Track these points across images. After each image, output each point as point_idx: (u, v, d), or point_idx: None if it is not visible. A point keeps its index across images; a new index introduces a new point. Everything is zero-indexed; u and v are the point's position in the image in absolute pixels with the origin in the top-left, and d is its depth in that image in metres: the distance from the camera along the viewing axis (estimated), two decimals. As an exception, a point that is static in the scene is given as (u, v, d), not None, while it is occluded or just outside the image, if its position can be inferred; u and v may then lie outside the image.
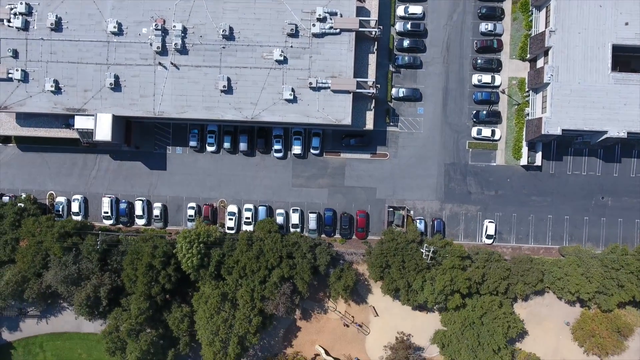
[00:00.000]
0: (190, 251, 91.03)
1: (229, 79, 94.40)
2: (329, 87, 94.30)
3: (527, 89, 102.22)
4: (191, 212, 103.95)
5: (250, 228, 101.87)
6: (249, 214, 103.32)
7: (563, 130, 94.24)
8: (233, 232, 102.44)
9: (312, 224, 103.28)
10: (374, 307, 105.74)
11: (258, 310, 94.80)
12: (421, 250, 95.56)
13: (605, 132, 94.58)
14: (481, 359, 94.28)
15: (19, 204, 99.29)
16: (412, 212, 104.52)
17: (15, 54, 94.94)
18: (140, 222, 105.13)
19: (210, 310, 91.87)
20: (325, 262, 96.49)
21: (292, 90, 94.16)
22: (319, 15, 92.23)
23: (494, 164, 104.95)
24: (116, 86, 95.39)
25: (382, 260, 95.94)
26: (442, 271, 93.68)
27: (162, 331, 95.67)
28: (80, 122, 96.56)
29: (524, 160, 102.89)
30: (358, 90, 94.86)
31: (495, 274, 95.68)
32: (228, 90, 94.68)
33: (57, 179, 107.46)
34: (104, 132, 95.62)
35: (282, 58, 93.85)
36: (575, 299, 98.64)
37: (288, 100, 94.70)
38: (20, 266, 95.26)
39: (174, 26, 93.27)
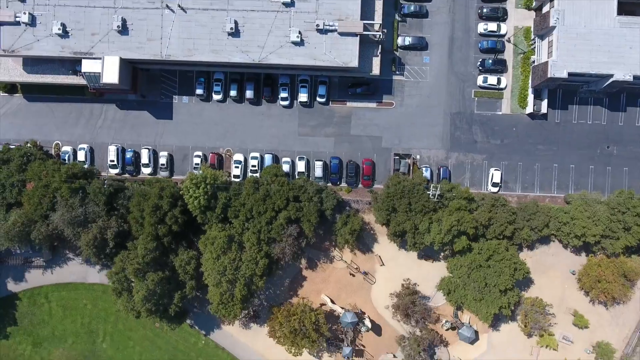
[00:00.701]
0: (197, 192, 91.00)
1: (236, 22, 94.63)
2: (336, 30, 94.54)
3: (532, 37, 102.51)
4: (197, 160, 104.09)
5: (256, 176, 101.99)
6: (255, 162, 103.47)
7: (569, 73, 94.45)
8: (239, 180, 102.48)
9: (318, 171, 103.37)
10: (379, 257, 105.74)
11: (265, 253, 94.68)
12: (427, 192, 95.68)
13: (611, 75, 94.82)
14: (488, 301, 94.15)
15: (25, 150, 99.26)
16: (417, 161, 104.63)
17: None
18: (146, 171, 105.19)
19: (217, 251, 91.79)
20: (332, 205, 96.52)
21: (299, 33, 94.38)
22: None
23: (500, 113, 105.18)
24: (123, 29, 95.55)
25: (389, 203, 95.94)
26: (448, 212, 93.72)
27: (169, 274, 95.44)
28: (88, 66, 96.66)
29: (529, 109, 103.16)
30: (365, 33, 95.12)
31: (502, 218, 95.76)
32: (235, 33, 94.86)
33: (63, 129, 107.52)
34: (111, 75, 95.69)
35: (289, 1, 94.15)
36: (581, 243, 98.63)
37: (295, 43, 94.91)
38: (27, 208, 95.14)
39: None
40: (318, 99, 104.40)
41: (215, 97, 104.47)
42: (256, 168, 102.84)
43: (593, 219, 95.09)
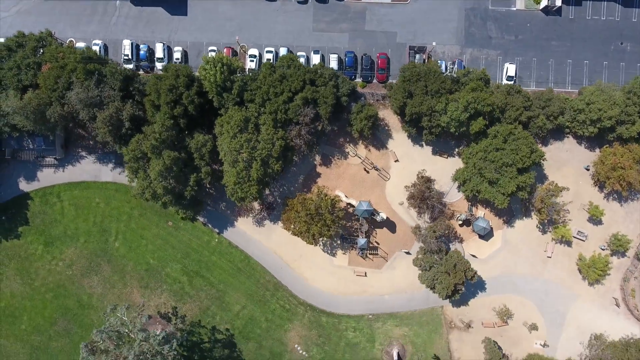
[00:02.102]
0: (213, 69, 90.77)
1: None
2: None
3: None
4: (212, 54, 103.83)
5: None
6: (270, 56, 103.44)
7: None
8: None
9: (333, 64, 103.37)
10: (394, 152, 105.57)
11: (281, 135, 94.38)
12: (442, 70, 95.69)
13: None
14: (505, 181, 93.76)
15: (40, 35, 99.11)
16: (432, 54, 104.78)
17: None
18: (160, 66, 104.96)
19: (233, 130, 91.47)
20: (347, 90, 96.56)
21: None
22: None
23: (514, 9, 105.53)
24: None
25: (404, 88, 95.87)
26: (465, 92, 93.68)
27: (185, 156, 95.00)
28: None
29: (543, 4, 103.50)
30: None
31: (517, 102, 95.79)
32: None
33: (77, 27, 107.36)
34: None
35: None
36: (596, 131, 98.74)
37: None
38: (43, 89, 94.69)
39: None
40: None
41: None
42: (271, 61, 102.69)
43: (609, 102, 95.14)
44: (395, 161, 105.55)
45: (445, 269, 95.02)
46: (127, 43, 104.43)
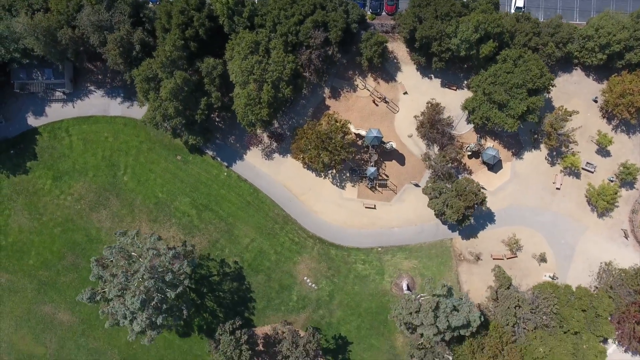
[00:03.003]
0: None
1: None
2: None
3: None
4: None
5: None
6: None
7: None
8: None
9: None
10: (402, 84, 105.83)
11: (292, 60, 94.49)
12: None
13: None
14: (515, 103, 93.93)
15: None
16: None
17: None
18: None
19: (244, 51, 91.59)
20: (357, 16, 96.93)
21: None
22: None
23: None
24: None
25: (414, 13, 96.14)
26: (475, 13, 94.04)
27: (196, 79, 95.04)
28: None
29: None
30: None
31: (526, 28, 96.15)
32: None
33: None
34: None
35: None
36: (605, 58, 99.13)
37: None
38: (54, 12, 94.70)
39: None
40: None
41: None
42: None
43: (618, 27, 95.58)
44: (404, 93, 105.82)
45: (456, 193, 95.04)
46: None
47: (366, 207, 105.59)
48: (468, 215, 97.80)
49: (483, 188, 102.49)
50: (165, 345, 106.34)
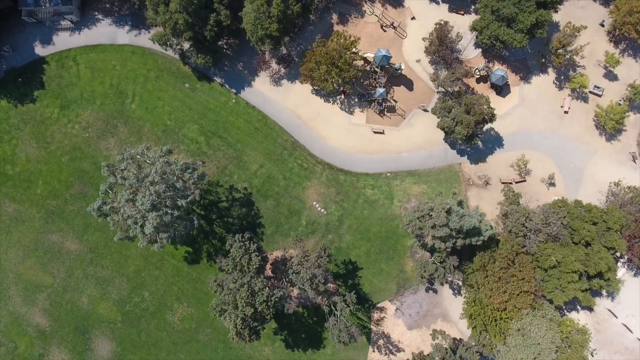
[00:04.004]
0: None
1: None
2: None
3: None
4: None
5: None
6: None
7: None
8: None
9: None
10: (410, 9, 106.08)
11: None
12: None
13: None
14: (524, 16, 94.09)
15: None
16: None
17: None
18: None
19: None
20: None
21: None
22: None
23: None
24: None
25: None
26: None
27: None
28: None
29: None
30: None
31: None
32: None
33: None
34: None
35: None
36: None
37: None
38: None
39: None
40: None
41: None
42: None
43: None
44: (412, 19, 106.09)
45: (465, 108, 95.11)
46: None
47: (375, 132, 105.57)
48: (478, 133, 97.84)
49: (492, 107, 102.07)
50: (174, 272, 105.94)
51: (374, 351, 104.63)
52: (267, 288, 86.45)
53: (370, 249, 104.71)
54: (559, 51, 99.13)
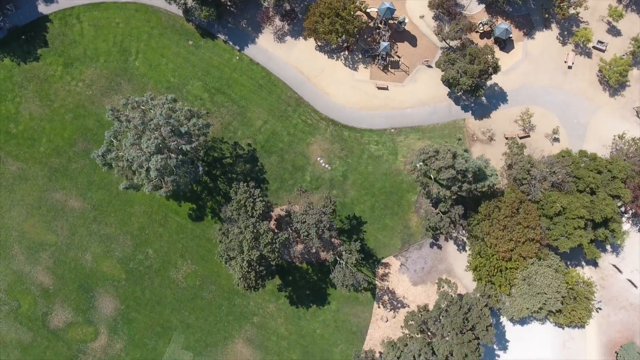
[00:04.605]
0: None
1: None
2: None
3: None
4: None
5: None
6: None
7: None
8: None
9: None
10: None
11: None
12: None
13: None
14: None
15: None
16: None
17: None
18: None
19: None
20: None
21: None
22: None
23: None
24: None
25: None
26: None
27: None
28: None
29: None
30: None
31: None
32: None
33: None
34: None
35: None
36: None
37: None
38: None
39: None
40: None
41: None
42: None
43: None
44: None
45: (470, 58, 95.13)
46: None
47: (379, 88, 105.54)
48: (482, 84, 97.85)
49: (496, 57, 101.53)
50: (178, 229, 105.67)
51: (378, 307, 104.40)
52: (271, 231, 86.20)
53: (375, 204, 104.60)
54: (562, 3, 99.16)
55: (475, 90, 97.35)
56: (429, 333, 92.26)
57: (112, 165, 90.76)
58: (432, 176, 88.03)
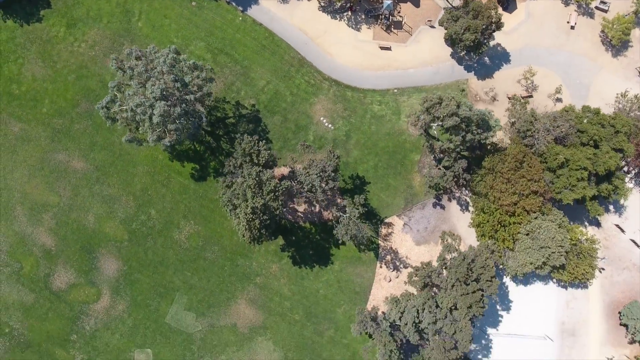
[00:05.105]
0: None
1: None
2: None
3: None
4: None
5: None
6: None
7: None
8: None
9: None
10: None
11: None
12: None
13: None
14: None
15: None
16: None
17: None
18: None
19: None
20: None
21: None
22: None
23: None
24: None
25: None
26: None
27: None
28: None
29: None
30: None
31: None
32: None
33: None
34: None
35: None
36: None
37: None
38: None
39: None
40: None
41: None
42: None
43: None
44: None
45: (473, 14, 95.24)
46: None
47: (381, 49, 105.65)
48: (485, 41, 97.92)
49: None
50: (181, 190, 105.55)
51: (381, 267, 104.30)
52: (274, 179, 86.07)
53: (378, 164, 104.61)
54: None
55: (477, 47, 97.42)
56: (433, 288, 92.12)
57: (115, 120, 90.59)
58: (436, 134, 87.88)
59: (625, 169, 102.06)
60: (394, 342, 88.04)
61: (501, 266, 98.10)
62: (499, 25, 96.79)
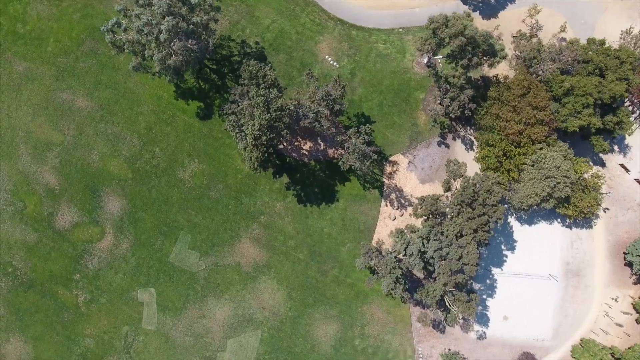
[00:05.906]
0: None
1: None
2: None
3: None
4: None
5: None
6: None
7: None
8: None
9: None
10: None
11: None
12: None
13: None
14: None
15: None
16: None
17: None
18: None
19: None
20: None
21: None
22: None
23: None
24: None
25: None
26: None
27: None
28: None
29: None
30: None
31: None
32: None
33: None
34: None
35: None
36: None
37: None
38: None
39: None
40: None
41: None
42: None
43: None
44: None
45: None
46: None
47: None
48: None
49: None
50: (185, 128, 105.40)
51: (386, 205, 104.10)
52: (281, 98, 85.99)
53: (383, 102, 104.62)
54: None
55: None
56: (438, 218, 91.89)
57: (122, 49, 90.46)
58: (441, 66, 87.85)
59: (630, 108, 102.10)
60: (400, 269, 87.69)
61: (507, 199, 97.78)
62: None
